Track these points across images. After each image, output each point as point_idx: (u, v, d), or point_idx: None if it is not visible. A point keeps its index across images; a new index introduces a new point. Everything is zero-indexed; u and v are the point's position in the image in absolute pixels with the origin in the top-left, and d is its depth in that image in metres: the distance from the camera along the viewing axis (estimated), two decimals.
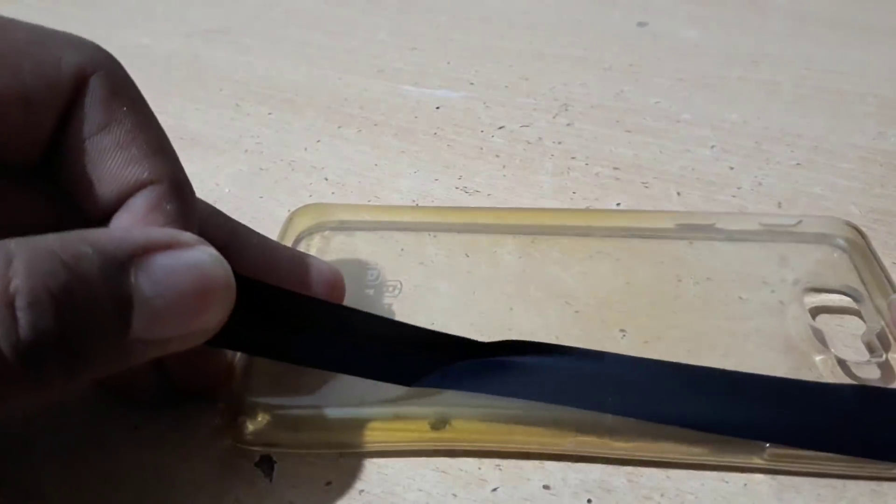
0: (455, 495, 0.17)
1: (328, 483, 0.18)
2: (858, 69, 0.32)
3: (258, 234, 0.20)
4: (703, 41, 0.35)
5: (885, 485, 0.17)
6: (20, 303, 0.12)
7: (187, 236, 0.15)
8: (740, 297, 0.21)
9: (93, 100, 0.15)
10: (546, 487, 0.17)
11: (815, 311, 0.21)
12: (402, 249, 0.23)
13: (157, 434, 0.19)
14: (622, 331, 0.20)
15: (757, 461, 0.17)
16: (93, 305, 0.13)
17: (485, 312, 0.21)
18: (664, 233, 0.23)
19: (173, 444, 0.18)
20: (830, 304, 0.21)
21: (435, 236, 0.23)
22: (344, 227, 0.23)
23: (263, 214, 0.26)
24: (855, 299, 0.21)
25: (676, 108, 0.30)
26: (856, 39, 0.34)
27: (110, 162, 0.15)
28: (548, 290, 0.21)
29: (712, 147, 0.28)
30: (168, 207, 0.16)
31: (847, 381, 0.18)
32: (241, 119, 0.31)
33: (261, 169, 0.28)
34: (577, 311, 0.21)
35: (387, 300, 0.21)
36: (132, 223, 0.16)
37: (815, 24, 0.36)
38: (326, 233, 0.23)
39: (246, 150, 0.29)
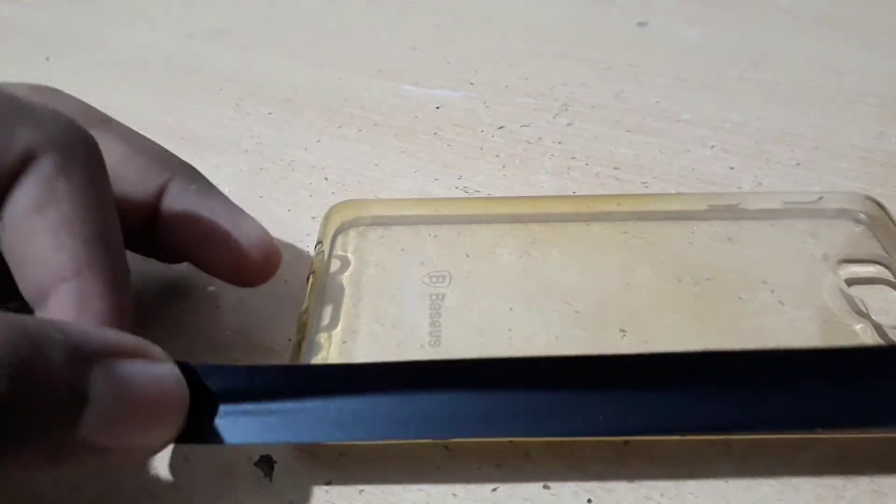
0: (455, 495, 0.17)
1: (328, 483, 0.18)
2: (858, 69, 0.32)
3: (202, 180, 0.20)
4: (704, 41, 0.35)
5: (886, 485, 0.17)
6: None
7: (157, 352, 0.15)
8: (740, 297, 0.21)
9: (36, 177, 0.15)
10: (546, 487, 0.17)
11: (849, 282, 0.21)
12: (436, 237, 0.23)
13: None
14: (622, 331, 0.20)
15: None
16: (48, 389, 0.13)
17: (485, 312, 0.21)
18: (692, 215, 0.23)
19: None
20: (861, 274, 0.21)
21: (467, 228, 0.24)
22: (380, 221, 0.24)
23: (263, 214, 0.26)
24: (886, 267, 0.21)
25: (676, 108, 0.30)
26: (856, 39, 0.34)
27: (40, 244, 0.15)
28: (548, 290, 0.21)
29: (712, 147, 0.28)
30: (97, 306, 0.15)
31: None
32: (241, 119, 0.31)
33: (261, 169, 0.28)
34: (577, 311, 0.21)
35: (440, 290, 0.21)
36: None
37: (815, 24, 0.36)
38: (362, 228, 0.24)
39: (246, 150, 0.29)
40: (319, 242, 0.23)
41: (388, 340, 0.20)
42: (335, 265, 0.22)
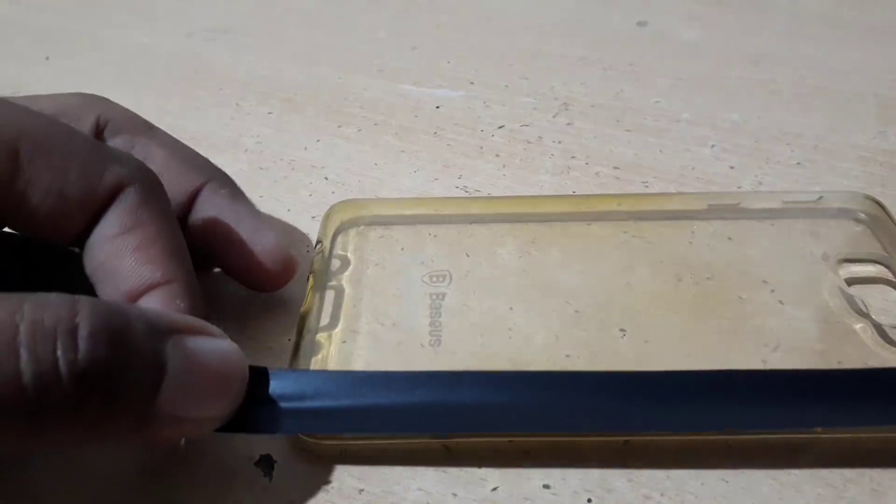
0: (455, 495, 0.17)
1: (328, 483, 0.18)
2: (858, 69, 0.32)
3: (233, 186, 0.22)
4: (703, 41, 0.35)
5: (886, 485, 0.17)
6: (82, 332, 0.14)
7: (214, 329, 0.16)
8: (740, 297, 0.21)
9: (123, 206, 0.17)
10: (546, 487, 0.17)
11: (850, 282, 0.21)
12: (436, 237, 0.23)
13: None
14: (622, 330, 0.20)
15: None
16: (137, 356, 0.14)
17: (485, 312, 0.21)
18: (692, 214, 0.23)
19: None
20: (861, 274, 0.21)
21: (468, 227, 0.24)
22: (380, 221, 0.24)
23: (263, 214, 0.26)
24: (887, 266, 0.21)
25: (676, 108, 0.30)
26: (856, 39, 0.34)
27: (128, 259, 0.17)
28: (547, 289, 0.21)
29: (712, 146, 0.28)
30: (180, 305, 0.17)
31: (887, 346, 0.19)
32: (241, 118, 0.31)
33: (261, 168, 0.28)
34: (576, 311, 0.21)
35: (440, 290, 0.21)
36: None
37: (815, 23, 0.36)
38: (362, 227, 0.24)
39: (246, 150, 0.29)
40: (319, 242, 0.23)
41: (388, 340, 0.20)
42: (335, 264, 0.22)
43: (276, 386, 0.17)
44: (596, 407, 0.17)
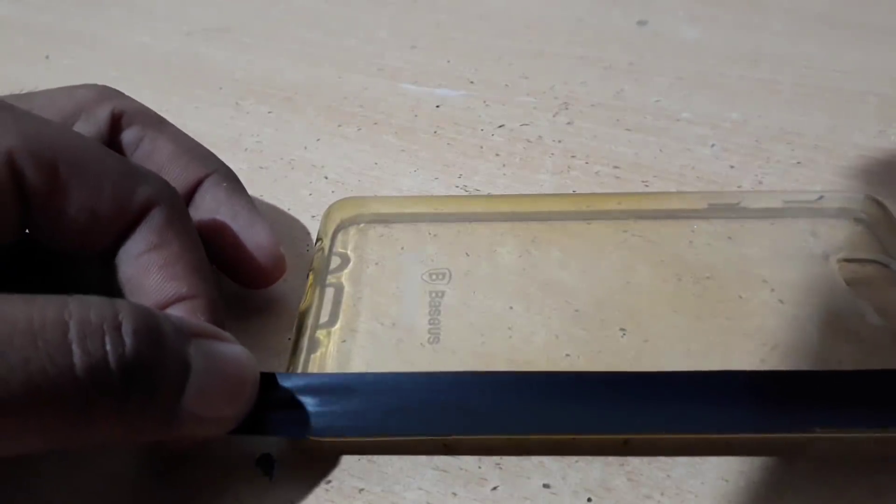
0: (455, 494, 0.17)
1: (328, 482, 0.18)
2: (858, 68, 0.32)
3: (235, 180, 0.22)
4: (704, 40, 0.35)
5: (886, 485, 0.17)
6: (126, 329, 0.14)
7: (229, 335, 0.17)
8: (740, 296, 0.21)
9: (151, 225, 0.18)
10: (546, 486, 0.17)
11: (850, 282, 0.21)
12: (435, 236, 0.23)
13: None
14: (622, 330, 0.20)
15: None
16: (169, 355, 0.15)
17: (484, 311, 0.21)
18: (692, 213, 0.23)
19: None
20: (861, 274, 0.21)
21: (466, 227, 0.24)
22: (380, 219, 0.24)
23: (263, 213, 0.26)
24: (886, 266, 0.21)
25: (676, 107, 0.30)
26: (856, 38, 0.34)
27: (155, 275, 0.18)
28: (547, 288, 0.21)
29: (712, 146, 0.28)
30: (202, 318, 0.18)
31: (887, 346, 0.19)
32: (241, 118, 0.31)
33: (260, 168, 0.28)
34: (576, 310, 0.21)
35: (439, 288, 0.21)
36: None
37: (815, 22, 0.36)
38: (362, 225, 0.24)
39: (245, 149, 0.29)
40: (319, 239, 0.23)
41: (387, 338, 0.20)
42: (335, 262, 0.22)
43: (284, 390, 0.17)
44: (595, 408, 0.17)
